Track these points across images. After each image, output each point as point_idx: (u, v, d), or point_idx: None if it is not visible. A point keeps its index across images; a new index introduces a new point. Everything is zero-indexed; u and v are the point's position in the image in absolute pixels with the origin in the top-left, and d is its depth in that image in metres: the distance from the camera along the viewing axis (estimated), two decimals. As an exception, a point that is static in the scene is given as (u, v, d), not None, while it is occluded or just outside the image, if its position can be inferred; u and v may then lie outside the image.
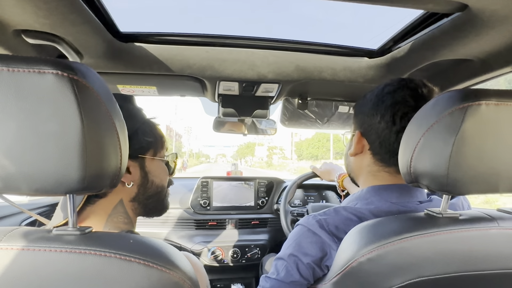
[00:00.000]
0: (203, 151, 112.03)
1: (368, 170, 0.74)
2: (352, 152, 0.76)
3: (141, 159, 0.68)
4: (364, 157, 0.74)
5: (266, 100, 1.29)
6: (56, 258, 0.41)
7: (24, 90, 0.39)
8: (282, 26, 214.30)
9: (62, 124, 0.39)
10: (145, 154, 0.69)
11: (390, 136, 0.68)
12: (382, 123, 0.69)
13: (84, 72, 0.41)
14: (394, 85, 0.69)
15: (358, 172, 0.78)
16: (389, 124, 0.68)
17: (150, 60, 0.99)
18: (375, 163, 0.72)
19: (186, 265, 0.47)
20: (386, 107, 0.68)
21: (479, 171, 0.51)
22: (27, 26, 0.71)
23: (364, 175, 0.75)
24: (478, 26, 0.68)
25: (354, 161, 0.78)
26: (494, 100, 0.49)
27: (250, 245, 1.69)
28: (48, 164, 0.40)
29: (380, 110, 0.69)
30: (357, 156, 0.76)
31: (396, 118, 0.67)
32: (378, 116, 0.69)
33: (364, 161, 0.74)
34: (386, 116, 0.68)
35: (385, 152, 0.70)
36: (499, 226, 0.54)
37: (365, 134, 0.73)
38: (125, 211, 0.67)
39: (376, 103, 0.70)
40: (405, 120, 0.66)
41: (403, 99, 0.67)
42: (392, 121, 0.67)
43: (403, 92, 0.67)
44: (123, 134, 0.47)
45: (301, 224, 0.68)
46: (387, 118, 0.68)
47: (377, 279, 0.52)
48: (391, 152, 0.69)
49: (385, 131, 0.68)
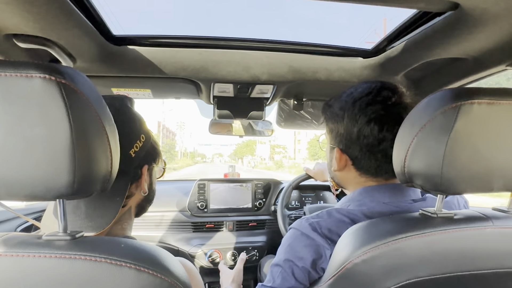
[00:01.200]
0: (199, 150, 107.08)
1: (355, 181, 0.73)
2: (336, 168, 0.75)
3: (152, 168, 0.71)
4: (349, 171, 0.74)
5: (261, 101, 1.28)
6: (46, 264, 0.41)
7: (11, 95, 0.38)
8: (276, 27, 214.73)
9: (50, 129, 0.39)
10: (156, 162, 0.72)
11: (372, 152, 0.68)
12: (361, 139, 0.68)
13: (73, 75, 0.40)
14: (363, 100, 0.68)
15: (346, 184, 0.78)
16: (369, 141, 0.68)
17: (144, 63, 0.98)
18: (360, 175, 0.72)
19: (179, 269, 0.46)
20: (361, 125, 0.68)
21: (472, 170, 0.51)
22: (18, 30, 0.70)
23: (352, 186, 0.75)
24: (470, 24, 0.69)
25: (340, 175, 0.77)
26: (486, 99, 0.49)
27: (248, 247, 1.68)
28: (37, 169, 0.39)
29: (356, 127, 0.68)
30: (342, 172, 0.75)
31: (374, 133, 0.67)
32: (355, 133, 0.69)
33: (350, 174, 0.74)
34: (365, 133, 0.68)
35: (368, 167, 0.70)
36: (494, 225, 0.53)
37: (345, 150, 0.72)
38: (130, 217, 0.69)
39: (350, 120, 0.69)
40: (383, 132, 0.66)
41: (376, 114, 0.66)
42: (371, 137, 0.67)
43: (374, 107, 0.67)
44: (113, 137, 0.46)
45: (294, 227, 0.68)
46: (365, 135, 0.68)
47: (372, 281, 0.52)
48: (375, 166, 0.69)
49: (365, 148, 0.69)
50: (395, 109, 0.66)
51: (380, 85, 0.69)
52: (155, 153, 0.71)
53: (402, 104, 0.67)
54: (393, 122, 0.65)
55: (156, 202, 0.77)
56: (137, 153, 0.63)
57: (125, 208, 0.66)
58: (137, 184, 0.66)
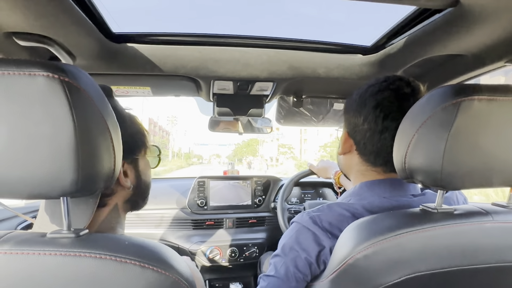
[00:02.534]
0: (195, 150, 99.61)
1: (357, 169, 0.75)
2: (340, 151, 0.77)
3: (136, 160, 0.67)
4: (352, 157, 0.75)
5: (261, 98, 1.29)
6: (51, 261, 0.41)
7: (15, 93, 0.38)
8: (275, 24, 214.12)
9: (54, 127, 0.39)
10: (139, 154, 0.68)
11: (373, 138, 0.69)
12: (366, 124, 0.69)
13: (75, 73, 0.40)
14: (376, 86, 0.69)
15: (348, 170, 0.79)
16: (371, 126, 0.68)
17: (144, 60, 0.98)
18: (362, 163, 0.73)
19: (182, 266, 0.46)
20: (368, 109, 0.69)
21: (472, 166, 0.51)
22: (18, 28, 0.70)
23: (354, 173, 0.76)
24: (470, 21, 0.69)
25: (344, 159, 0.79)
26: (486, 95, 0.49)
27: (248, 244, 1.69)
28: (41, 167, 0.39)
29: (363, 112, 0.70)
30: (346, 155, 0.77)
31: (378, 120, 0.67)
32: (361, 117, 0.70)
33: (353, 160, 0.75)
34: (369, 118, 0.69)
35: (369, 153, 0.71)
36: (494, 220, 0.54)
37: (351, 134, 0.74)
38: (118, 215, 0.66)
39: (359, 105, 0.71)
40: (387, 121, 0.66)
41: (386, 100, 0.67)
42: (374, 122, 0.68)
43: (385, 93, 0.68)
44: (116, 135, 0.46)
45: (296, 221, 0.69)
46: (370, 120, 0.69)
47: (373, 276, 0.52)
48: (375, 153, 0.70)
49: (368, 132, 0.69)
50: (404, 100, 0.66)
51: (397, 77, 0.70)
52: (136, 145, 0.66)
53: (414, 97, 0.66)
54: (399, 113, 0.64)
55: (156, 200, 0.77)
56: None
57: (109, 207, 0.63)
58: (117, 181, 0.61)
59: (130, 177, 0.65)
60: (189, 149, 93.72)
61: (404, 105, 0.64)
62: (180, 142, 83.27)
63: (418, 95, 0.67)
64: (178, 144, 78.19)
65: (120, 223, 0.67)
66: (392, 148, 0.62)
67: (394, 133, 0.61)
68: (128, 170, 0.65)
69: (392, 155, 0.62)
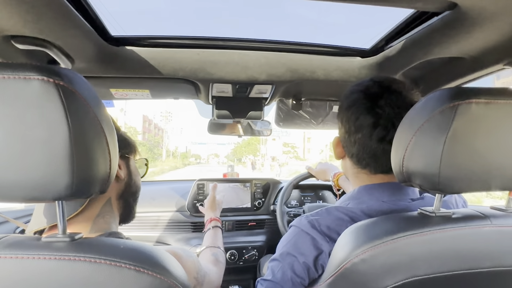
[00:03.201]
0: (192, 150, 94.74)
1: (351, 172, 0.75)
2: (336, 157, 0.79)
3: (127, 158, 0.72)
4: (346, 161, 0.76)
5: (260, 101, 1.28)
6: (46, 265, 0.41)
7: (9, 97, 0.38)
8: (274, 27, 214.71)
9: (49, 130, 0.39)
10: (130, 154, 0.74)
11: (350, 139, 0.70)
12: (342, 128, 0.72)
13: (70, 77, 0.40)
14: (348, 90, 0.72)
15: (346, 173, 0.80)
16: (346, 128, 0.71)
17: (142, 63, 0.98)
18: (353, 166, 0.74)
19: (178, 270, 0.46)
20: (343, 112, 0.71)
21: (470, 169, 0.51)
22: (16, 32, 0.70)
23: (350, 177, 0.77)
24: (468, 23, 0.69)
25: (342, 163, 0.80)
26: (484, 98, 0.49)
27: (248, 247, 1.69)
28: (36, 170, 0.39)
29: (340, 115, 0.73)
30: (343, 160, 0.78)
31: (351, 121, 0.69)
32: (340, 121, 0.73)
33: (347, 164, 0.76)
34: (343, 120, 0.71)
35: (351, 155, 0.72)
36: (492, 224, 0.54)
37: (341, 139, 0.76)
38: (112, 209, 0.68)
39: (339, 109, 0.74)
40: (360, 120, 0.67)
41: (356, 101, 0.68)
42: (348, 123, 0.70)
43: (354, 95, 0.69)
44: (112, 138, 0.46)
45: (294, 225, 0.69)
46: (344, 122, 0.71)
47: (371, 280, 0.52)
48: (355, 154, 0.71)
49: (346, 134, 0.71)
50: (376, 98, 0.67)
51: (370, 78, 0.71)
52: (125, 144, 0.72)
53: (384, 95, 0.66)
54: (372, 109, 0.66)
55: (155, 202, 0.78)
56: None
57: (103, 200, 0.65)
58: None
59: (123, 171, 0.70)
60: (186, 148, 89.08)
61: (378, 103, 0.66)
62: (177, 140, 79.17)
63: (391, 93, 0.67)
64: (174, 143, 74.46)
65: (114, 220, 0.69)
66: (370, 148, 0.64)
67: (369, 132, 0.64)
68: (121, 165, 0.70)
69: (372, 155, 0.64)
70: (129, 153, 0.74)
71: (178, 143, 77.08)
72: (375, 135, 0.65)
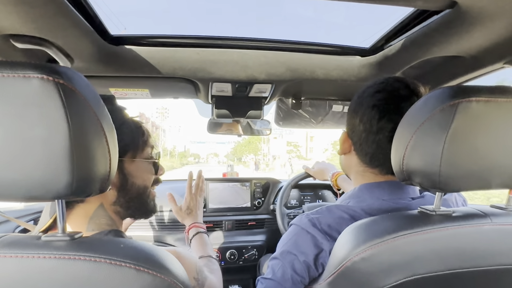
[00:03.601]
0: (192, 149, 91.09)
1: (356, 169, 0.74)
2: (340, 151, 0.78)
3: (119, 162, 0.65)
4: (351, 157, 0.75)
5: (259, 100, 1.28)
6: (45, 264, 0.40)
7: (9, 95, 0.38)
8: (273, 26, 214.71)
9: (48, 129, 0.39)
10: (124, 156, 0.67)
11: (368, 139, 0.69)
12: (361, 125, 0.70)
13: (70, 76, 0.40)
14: (374, 87, 0.70)
15: (349, 170, 0.79)
16: (367, 126, 0.68)
17: (142, 62, 0.98)
18: (360, 163, 0.73)
19: (178, 269, 0.46)
20: (364, 110, 0.69)
21: (470, 167, 0.51)
22: (15, 31, 0.70)
23: (353, 174, 0.76)
24: (468, 22, 0.69)
25: (344, 159, 0.79)
26: (484, 96, 0.49)
27: (247, 246, 1.69)
28: (35, 169, 0.39)
29: (360, 112, 0.70)
30: (346, 155, 0.77)
31: (374, 121, 0.67)
32: (358, 118, 0.70)
33: (352, 160, 0.75)
34: (364, 119, 0.69)
35: (365, 154, 0.71)
36: (492, 222, 0.54)
37: (350, 134, 0.74)
38: (107, 214, 0.66)
39: (357, 105, 0.71)
40: (382, 121, 0.66)
41: (382, 101, 0.67)
42: (370, 123, 0.68)
43: (381, 94, 0.67)
44: (112, 137, 0.46)
45: (295, 223, 0.69)
46: (365, 121, 0.69)
47: (371, 278, 0.52)
48: (370, 154, 0.70)
49: (364, 133, 0.69)
50: (402, 101, 0.65)
51: (396, 78, 0.70)
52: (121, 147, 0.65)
53: (412, 99, 0.65)
54: (396, 114, 0.64)
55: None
56: None
57: (91, 204, 0.64)
58: None
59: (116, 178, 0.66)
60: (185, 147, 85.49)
61: (402, 106, 0.64)
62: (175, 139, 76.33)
63: (418, 97, 0.66)
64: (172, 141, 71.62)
65: (116, 225, 0.68)
66: (388, 149, 0.62)
67: (391, 135, 0.61)
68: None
69: (388, 157, 0.61)
70: (125, 156, 0.68)
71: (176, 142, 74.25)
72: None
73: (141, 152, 0.72)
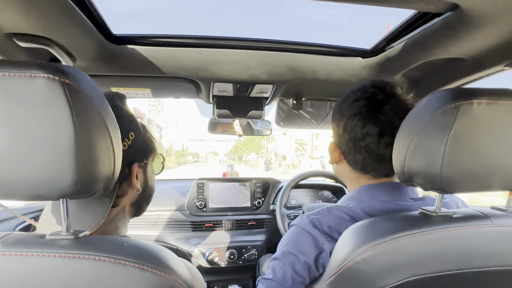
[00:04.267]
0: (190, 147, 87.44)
1: (349, 176, 0.75)
2: (331, 160, 0.78)
3: (146, 164, 0.70)
4: (343, 165, 0.76)
5: (260, 101, 1.29)
6: (50, 263, 0.41)
7: (15, 95, 0.38)
8: (275, 27, 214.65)
9: (54, 129, 0.39)
10: (149, 159, 0.71)
11: (355, 147, 0.70)
12: (346, 135, 0.71)
13: (76, 75, 0.40)
14: (351, 96, 0.71)
15: (343, 178, 0.79)
16: (351, 135, 0.69)
17: (144, 62, 0.98)
18: (352, 171, 0.74)
19: (181, 268, 0.46)
20: (346, 119, 0.70)
21: (472, 169, 0.51)
22: (18, 30, 0.70)
23: (348, 181, 0.77)
24: (469, 25, 0.69)
25: (337, 167, 0.79)
26: (486, 99, 0.49)
27: (247, 246, 1.69)
28: (41, 169, 0.39)
29: (342, 122, 0.71)
30: (338, 164, 0.77)
31: (357, 128, 0.68)
32: (341, 128, 0.71)
33: (344, 168, 0.75)
34: (348, 128, 0.70)
35: (355, 162, 0.72)
36: (493, 224, 0.54)
37: (337, 144, 0.75)
38: (124, 216, 0.68)
39: (338, 115, 0.72)
40: (366, 127, 0.67)
41: (362, 109, 0.68)
42: (354, 131, 0.69)
43: (360, 102, 0.68)
44: (116, 137, 0.46)
45: (295, 224, 0.69)
46: (349, 130, 0.70)
47: (372, 279, 0.52)
48: (361, 161, 0.70)
49: (350, 142, 0.70)
50: (381, 105, 0.67)
51: (371, 83, 0.71)
52: (147, 150, 0.70)
53: (390, 102, 0.67)
54: (376, 119, 0.66)
55: (155, 201, 0.77)
56: (126, 152, 0.61)
57: (118, 208, 0.65)
58: (129, 183, 0.65)
59: (140, 180, 0.68)
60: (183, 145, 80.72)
61: (382, 110, 0.66)
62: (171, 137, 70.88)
63: (396, 99, 0.68)
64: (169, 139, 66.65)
65: (125, 225, 0.68)
66: (378, 152, 0.63)
67: (378, 138, 0.63)
68: (139, 174, 0.67)
69: (380, 159, 0.63)
70: (149, 159, 0.71)
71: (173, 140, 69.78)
72: (383, 142, 0.66)
73: (156, 154, 0.75)
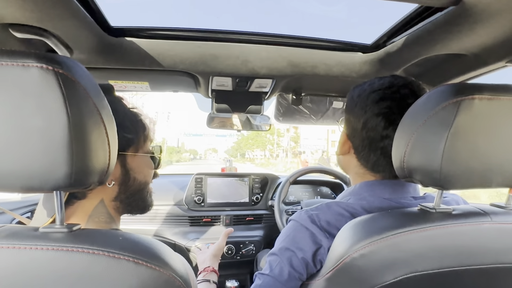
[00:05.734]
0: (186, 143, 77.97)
1: (355, 171, 0.74)
2: (338, 151, 0.76)
3: (122, 156, 0.65)
4: (350, 158, 0.74)
5: (260, 95, 1.28)
6: (43, 256, 0.40)
7: (7, 84, 0.37)
8: (275, 21, 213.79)
9: (47, 119, 0.38)
10: (126, 151, 0.66)
11: (371, 146, 0.68)
12: (364, 132, 0.68)
13: (70, 65, 0.40)
14: (379, 93, 0.67)
15: (347, 170, 0.78)
16: (370, 134, 0.67)
17: (142, 55, 0.97)
18: (360, 166, 0.72)
19: (177, 262, 0.46)
20: (369, 116, 0.67)
21: (472, 165, 0.51)
22: (14, 20, 0.69)
23: (352, 175, 0.76)
24: (472, 20, 0.68)
25: (343, 159, 0.77)
26: (487, 94, 0.48)
27: (245, 241, 1.69)
28: (34, 160, 0.39)
29: (363, 118, 0.68)
30: (345, 156, 0.76)
31: (379, 128, 0.66)
32: (361, 123, 0.68)
33: (351, 162, 0.74)
34: (368, 125, 0.67)
35: (367, 160, 0.70)
36: (492, 221, 0.54)
37: (350, 137, 0.73)
38: (107, 211, 0.65)
39: (360, 109, 0.69)
40: (388, 129, 0.65)
41: (388, 110, 0.65)
42: (375, 130, 0.67)
43: (388, 103, 0.66)
44: (111, 129, 0.46)
45: (294, 219, 0.68)
46: (369, 127, 0.67)
47: (370, 275, 0.52)
48: (373, 160, 0.69)
49: (367, 140, 0.68)
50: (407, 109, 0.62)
51: (403, 82, 0.67)
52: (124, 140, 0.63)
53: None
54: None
55: (153, 196, 0.76)
56: None
57: (91, 201, 0.62)
58: None
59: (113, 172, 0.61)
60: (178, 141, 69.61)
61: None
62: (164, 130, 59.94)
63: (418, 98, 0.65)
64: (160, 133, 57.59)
65: (113, 220, 0.66)
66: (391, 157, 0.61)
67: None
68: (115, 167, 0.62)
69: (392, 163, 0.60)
70: (127, 149, 0.65)
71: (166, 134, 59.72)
72: None
73: (143, 146, 0.70)
